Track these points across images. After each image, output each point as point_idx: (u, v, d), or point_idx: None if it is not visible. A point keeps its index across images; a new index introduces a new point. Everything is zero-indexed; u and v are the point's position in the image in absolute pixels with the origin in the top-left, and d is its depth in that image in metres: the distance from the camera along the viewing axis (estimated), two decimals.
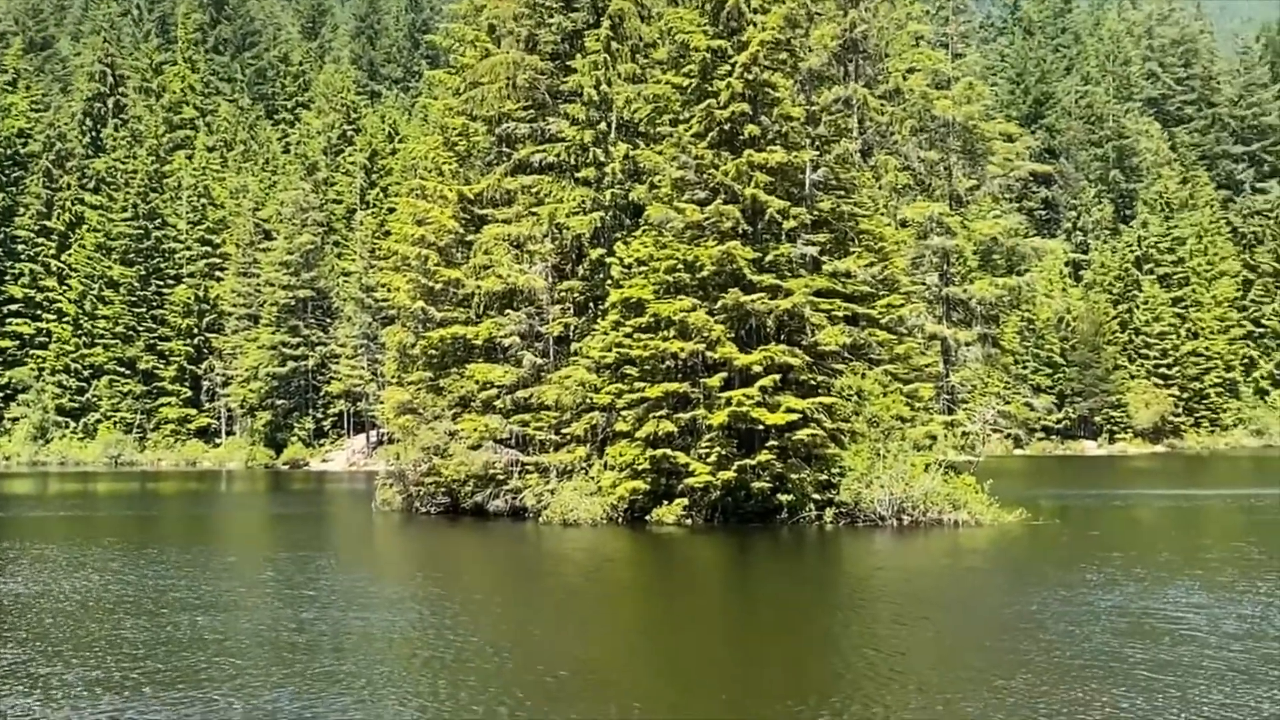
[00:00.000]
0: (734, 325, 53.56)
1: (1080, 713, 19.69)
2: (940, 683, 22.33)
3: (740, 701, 20.86)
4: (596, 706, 20.93)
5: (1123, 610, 29.91)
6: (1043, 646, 25.46)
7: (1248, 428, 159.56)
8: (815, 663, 25.05)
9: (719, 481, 52.31)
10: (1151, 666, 23.27)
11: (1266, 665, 23.27)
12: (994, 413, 78.02)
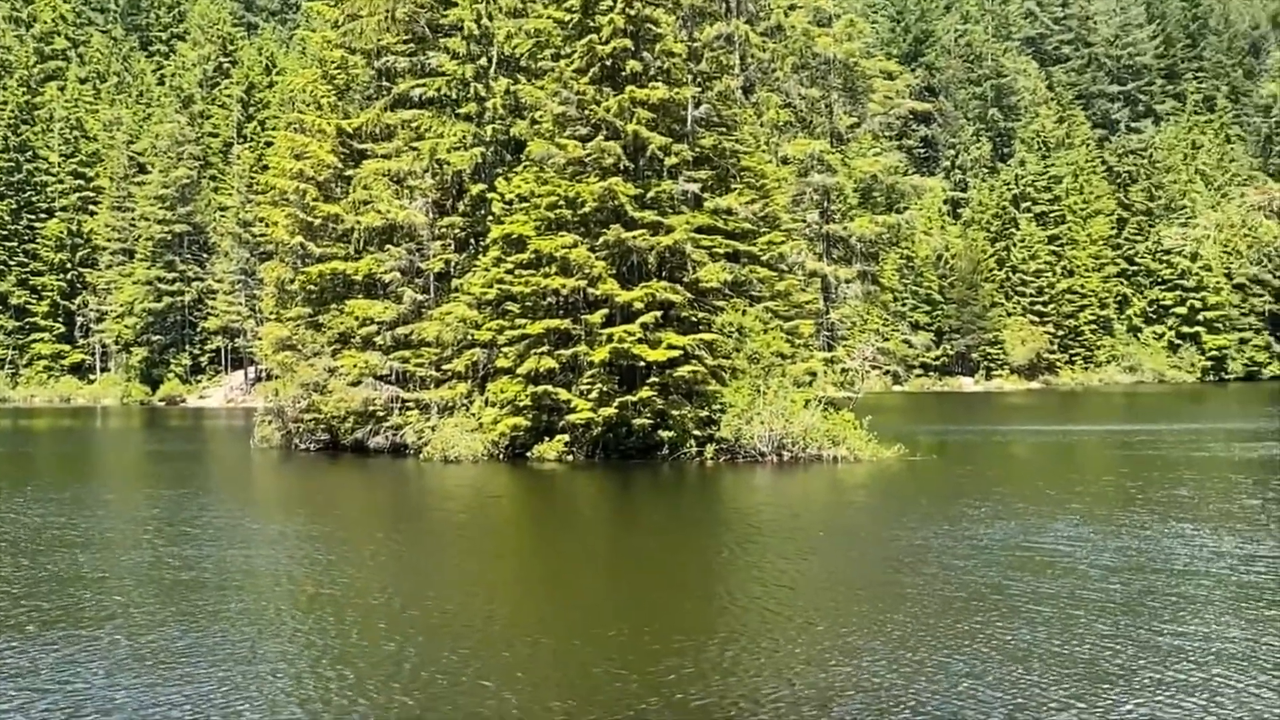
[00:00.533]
0: (615, 262, 53.49)
1: (966, 644, 19.89)
2: (828, 617, 22.45)
3: (632, 637, 20.85)
4: (487, 643, 20.87)
5: (1005, 544, 30.28)
6: (928, 580, 25.72)
7: (1121, 364, 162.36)
8: (703, 598, 25.10)
9: (600, 418, 52.37)
10: (1035, 599, 23.59)
11: (1146, 597, 23.65)
12: (873, 349, 78.88)
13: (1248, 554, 28.56)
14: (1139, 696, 16.85)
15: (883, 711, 16.22)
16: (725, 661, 18.96)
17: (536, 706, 16.63)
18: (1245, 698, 16.72)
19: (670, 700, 16.75)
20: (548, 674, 18.54)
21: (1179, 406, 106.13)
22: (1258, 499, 39.74)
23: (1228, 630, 20.70)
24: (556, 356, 52.98)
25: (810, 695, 16.92)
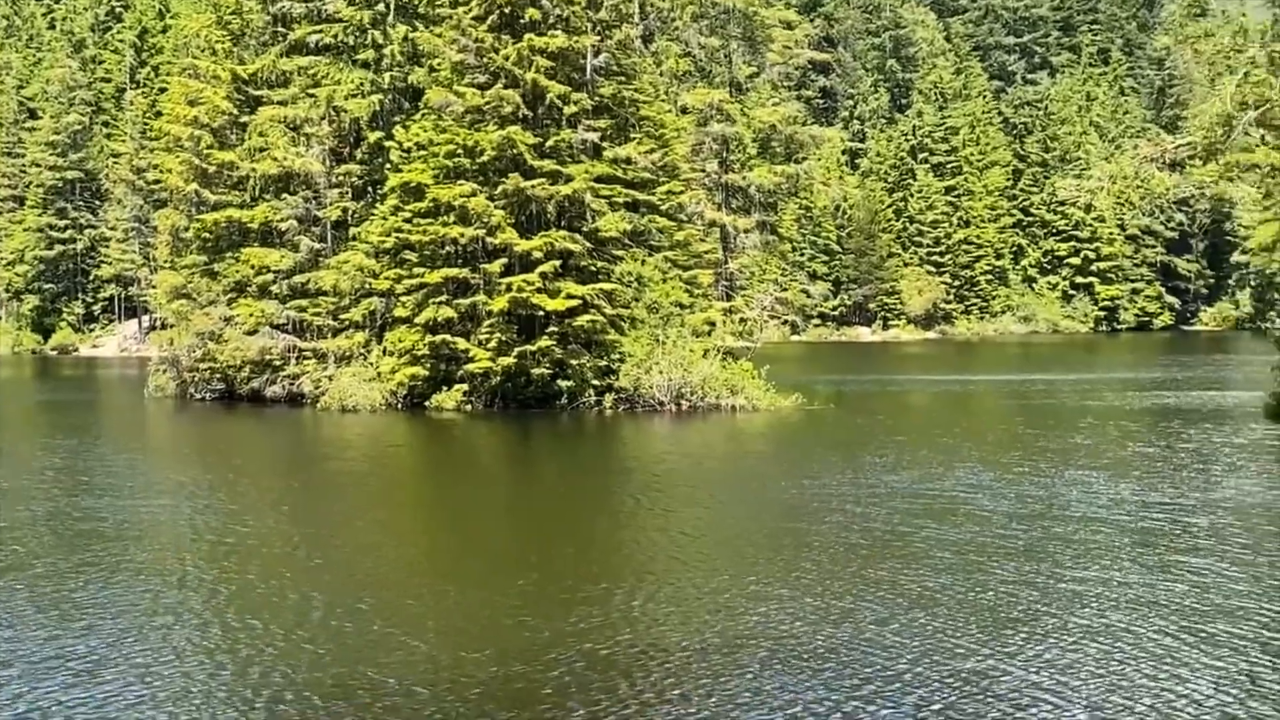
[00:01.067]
0: (514, 211, 53.33)
1: (873, 590, 20.10)
2: (734, 565, 22.59)
3: (540, 587, 20.81)
4: (396, 593, 20.83)
5: (907, 492, 30.65)
6: (832, 527, 25.97)
7: (1016, 314, 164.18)
8: (610, 547, 25.22)
9: (499, 367, 52.31)
10: (939, 545, 23.95)
11: (1048, 543, 24.05)
12: (771, 299, 79.15)
13: (1145, 501, 29.09)
14: (1043, 641, 17.15)
15: (792, 658, 16.41)
16: (634, 611, 19.08)
17: (447, 656, 16.68)
18: (1146, 642, 17.07)
19: (581, 649, 16.83)
20: (457, 623, 18.58)
21: (1072, 356, 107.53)
22: (1153, 447, 40.44)
23: (1128, 576, 21.09)
24: (455, 306, 52.82)
25: (719, 643, 17.06)
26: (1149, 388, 66.83)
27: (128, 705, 14.74)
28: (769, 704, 14.61)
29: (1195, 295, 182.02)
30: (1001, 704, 14.51)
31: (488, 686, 15.29)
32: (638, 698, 14.82)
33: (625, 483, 35.06)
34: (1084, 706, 14.41)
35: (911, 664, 16.11)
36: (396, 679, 15.62)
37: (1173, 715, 14.09)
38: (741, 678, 15.56)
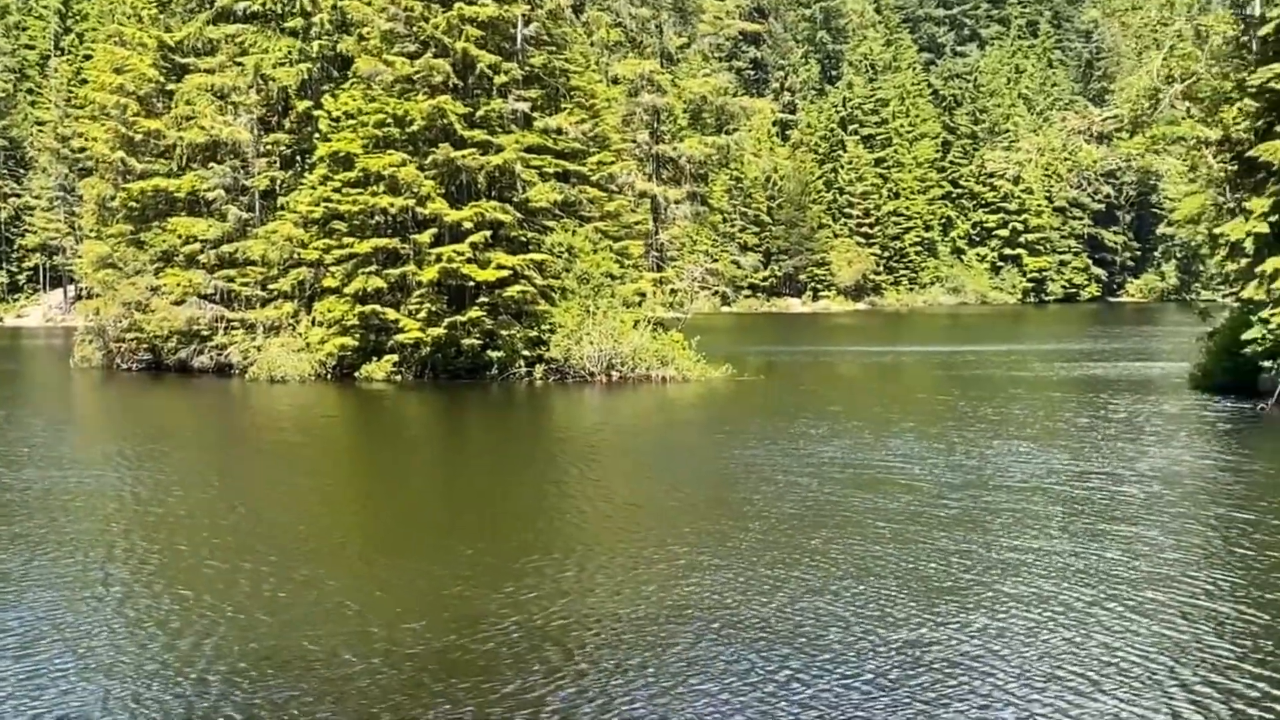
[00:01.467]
0: (444, 181, 53.11)
1: (811, 560, 20.07)
2: (675, 535, 22.49)
3: (485, 557, 20.64)
4: (343, 564, 20.67)
5: (844, 462, 30.75)
6: (769, 497, 25.99)
7: (945, 286, 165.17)
8: (552, 518, 25.06)
9: (429, 338, 52.15)
10: (876, 515, 23.98)
11: (984, 513, 24.19)
12: (702, 270, 79.27)
13: (1076, 470, 29.36)
14: (981, 610, 17.22)
15: (727, 628, 16.41)
16: (570, 581, 19.02)
17: (382, 626, 16.55)
18: (1084, 611, 17.17)
19: (517, 620, 16.77)
20: (393, 594, 18.43)
21: (1001, 327, 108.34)
22: (1083, 417, 40.81)
23: (1060, 545, 21.21)
24: (384, 276, 52.60)
25: (654, 613, 17.04)
26: (1077, 358, 67.44)
27: (58, 676, 14.58)
28: (705, 673, 14.60)
29: (1122, 267, 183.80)
30: (934, 673, 14.56)
31: (424, 657, 15.21)
32: (574, 668, 14.79)
33: (558, 453, 35.02)
34: (1016, 675, 14.47)
35: (845, 633, 16.14)
36: (331, 649, 15.53)
37: (1103, 682, 14.18)
38: (677, 647, 15.55)
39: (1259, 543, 21.38)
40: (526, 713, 13.42)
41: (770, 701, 13.67)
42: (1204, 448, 34.51)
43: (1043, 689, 14.05)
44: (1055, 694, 13.88)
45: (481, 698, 13.83)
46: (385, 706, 13.62)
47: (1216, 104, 46.89)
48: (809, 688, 14.11)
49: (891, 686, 14.13)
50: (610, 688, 14.12)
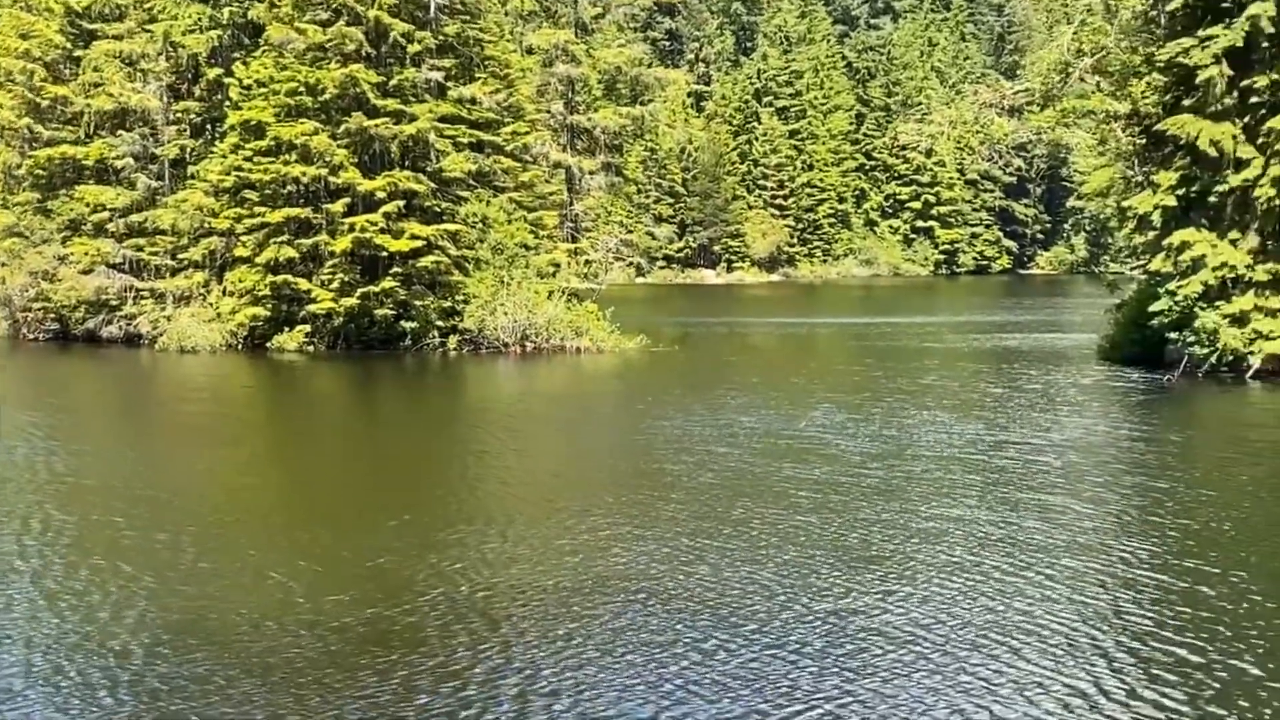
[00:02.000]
0: (358, 150, 52.71)
1: (737, 530, 20.06)
2: (599, 505, 22.43)
3: (410, 528, 20.43)
4: (266, 534, 20.40)
5: (764, 432, 30.84)
6: (692, 468, 25.97)
7: (858, 258, 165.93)
8: (464, 488, 24.92)
9: (342, 308, 51.84)
10: (800, 485, 24.05)
11: (906, 482, 24.38)
12: (617, 241, 79.29)
13: (995, 440, 29.64)
14: (904, 579, 17.29)
15: (653, 598, 16.40)
16: (505, 551, 18.94)
17: (323, 597, 16.39)
18: (1004, 579, 17.30)
19: (455, 590, 16.70)
20: (331, 564, 18.26)
21: (914, 299, 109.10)
22: (999, 388, 41.22)
23: (983, 514, 21.36)
24: (297, 246, 52.22)
25: (580, 584, 16.97)
26: (989, 330, 68.05)
27: None
28: (630, 643, 14.59)
29: (1032, 240, 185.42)
30: (859, 642, 14.60)
31: (351, 628, 15.09)
32: (500, 639, 14.71)
33: (477, 424, 34.93)
34: (941, 644, 14.52)
35: (770, 603, 16.16)
36: (256, 620, 15.40)
37: (1025, 650, 14.26)
38: (603, 618, 15.53)
39: (1173, 511, 21.65)
40: (454, 684, 13.35)
41: (696, 672, 13.64)
42: (1115, 418, 34.97)
43: (966, 657, 14.14)
44: (979, 662, 13.96)
45: (409, 669, 13.74)
46: (312, 678, 13.49)
47: (1125, 78, 47.39)
48: (734, 658, 14.10)
49: (817, 656, 14.15)
50: (537, 659, 14.05)
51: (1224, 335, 40.43)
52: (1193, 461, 27.90)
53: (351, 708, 12.68)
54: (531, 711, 12.59)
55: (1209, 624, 15.24)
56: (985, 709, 12.67)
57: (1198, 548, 19.17)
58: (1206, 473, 26.19)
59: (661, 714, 12.54)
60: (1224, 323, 40.61)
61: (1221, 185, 41.15)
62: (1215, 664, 13.87)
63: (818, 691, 13.09)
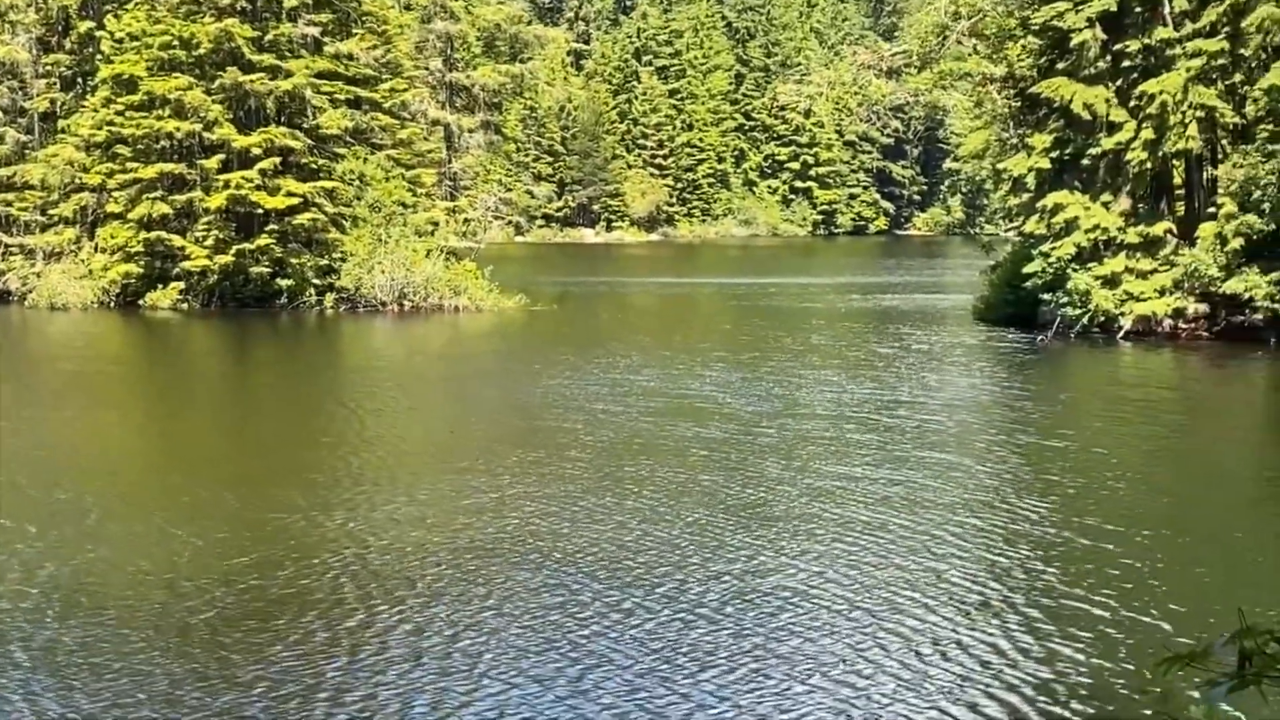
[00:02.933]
0: (232, 106, 52.04)
1: (636, 488, 19.98)
2: (490, 464, 22.19)
3: (301, 490, 20.10)
4: (164, 493, 20.13)
5: (658, 391, 30.90)
6: (589, 425, 25.97)
7: (736, 218, 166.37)
8: (372, 447, 24.61)
9: (216, 265, 51.22)
10: (697, 443, 24.15)
11: (802, 441, 24.52)
12: (495, 200, 78.75)
13: (886, 399, 29.95)
14: (815, 536, 17.37)
15: (554, 556, 16.35)
16: (413, 511, 18.78)
17: (232, 557, 16.17)
18: (913, 535, 17.43)
19: (365, 550, 16.59)
20: (236, 524, 17.95)
21: (793, 260, 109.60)
22: (885, 348, 41.61)
23: (882, 472, 21.53)
24: (170, 202, 51.53)
25: (495, 543, 16.87)
26: (869, 291, 68.63)
27: None
28: (532, 602, 14.55)
29: (909, 201, 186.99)
30: (773, 600, 14.64)
31: (266, 588, 14.92)
32: (408, 600, 14.62)
33: (363, 382, 34.57)
34: (855, 601, 14.59)
35: (677, 562, 16.17)
36: (169, 581, 15.21)
37: (938, 606, 14.38)
38: (512, 578, 15.45)
39: (1065, 469, 22.06)
40: (375, 643, 13.24)
41: (607, 633, 13.57)
42: (998, 377, 35.54)
43: (883, 615, 14.19)
44: (896, 620, 14.02)
45: (329, 631, 13.59)
46: (235, 639, 13.33)
47: (1001, 41, 47.81)
48: (647, 618, 14.05)
49: (733, 616, 14.10)
50: (447, 620, 13.96)
51: (1096, 296, 41.04)
52: (1077, 420, 28.38)
53: (263, 669, 12.49)
54: (441, 673, 12.48)
55: (1116, 580, 15.46)
56: (908, 666, 12.71)
57: (1095, 504, 19.50)
58: (1093, 431, 26.63)
59: (571, 674, 12.45)
60: (1096, 284, 41.22)
61: (1094, 148, 41.73)
62: (1124, 619, 14.04)
63: (737, 652, 13.03)
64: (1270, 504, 20.50)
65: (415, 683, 12.21)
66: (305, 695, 11.88)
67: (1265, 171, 38.90)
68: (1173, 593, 14.92)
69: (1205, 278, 39.94)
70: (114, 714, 11.47)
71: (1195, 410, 30.84)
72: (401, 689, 12.03)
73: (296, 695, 11.86)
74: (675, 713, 11.55)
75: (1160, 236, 41.44)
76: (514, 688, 12.04)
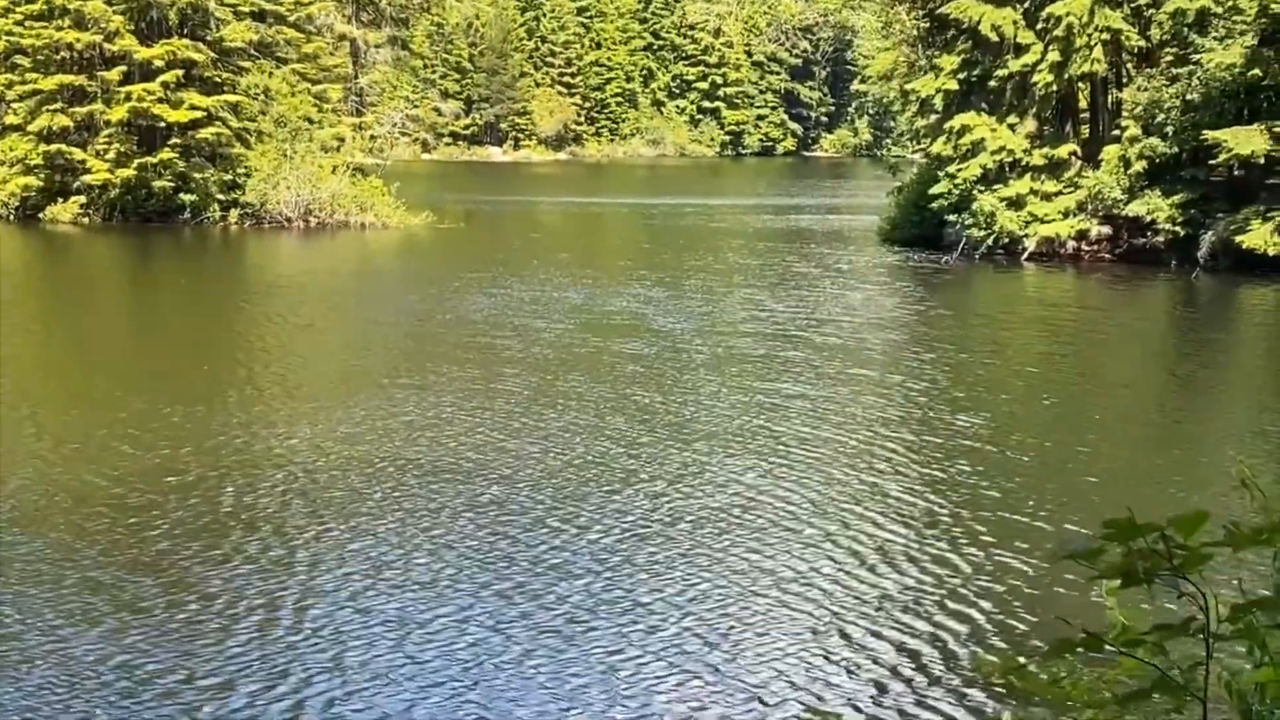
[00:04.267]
0: (134, 17, 51.14)
1: (569, 404, 20.14)
2: (430, 380, 22.17)
3: (243, 402, 20.15)
4: (99, 407, 19.78)
5: (584, 308, 31.01)
6: (517, 342, 25.94)
7: (645, 137, 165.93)
8: (301, 364, 24.58)
9: (118, 179, 50.52)
10: (630, 360, 24.27)
11: (734, 358, 24.83)
12: (402, 116, 78.16)
13: (808, 317, 30.29)
14: (755, 452, 17.49)
15: (504, 472, 16.32)
16: (336, 431, 18.53)
17: (185, 471, 16.06)
18: (852, 452, 17.62)
19: (295, 466, 16.48)
20: (178, 438, 17.71)
21: (702, 180, 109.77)
22: (801, 268, 41.91)
23: (816, 389, 21.78)
24: (71, 114, 50.69)
25: (432, 460, 16.82)
26: (781, 211, 68.93)
27: None
28: (483, 517, 14.54)
29: (816, 122, 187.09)
30: (723, 516, 14.66)
31: (197, 509, 14.72)
32: (354, 515, 14.60)
33: (280, 298, 34.22)
34: (804, 516, 14.69)
35: (612, 474, 16.26)
36: (119, 495, 15.09)
37: (883, 521, 14.54)
38: (449, 494, 15.41)
39: (989, 384, 22.95)
40: (332, 559, 13.15)
41: (561, 548, 13.55)
42: (910, 297, 36.36)
43: (832, 530, 14.28)
44: (845, 534, 14.14)
45: (285, 548, 13.48)
46: (192, 552, 13.25)
47: None
48: (593, 534, 14.06)
49: (675, 533, 14.11)
50: (407, 533, 13.93)
51: (1001, 218, 41.46)
52: (988, 338, 29.13)
53: (223, 584, 12.39)
54: (400, 586, 12.45)
55: (1054, 493, 15.79)
56: (861, 579, 12.82)
57: (1023, 418, 20.12)
58: (1011, 350, 27.29)
59: (502, 587, 12.43)
60: (1001, 206, 41.64)
61: (1002, 70, 42.01)
62: (1057, 528, 14.27)
63: (690, 568, 13.07)
64: (1171, 413, 21.46)
65: (376, 598, 12.13)
66: (267, 608, 11.83)
67: (1169, 95, 39.35)
68: (1104, 502, 15.17)
69: (1108, 200, 40.44)
70: (80, 628, 11.34)
71: (1097, 330, 31.42)
72: (362, 605, 11.95)
73: (258, 609, 11.80)
74: (632, 627, 11.57)
75: (1065, 159, 41.89)
76: (476, 602, 12.04)
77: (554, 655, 10.85)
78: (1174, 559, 2.59)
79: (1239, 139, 37.01)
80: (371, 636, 11.17)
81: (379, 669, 10.52)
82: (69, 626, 11.34)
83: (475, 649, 10.94)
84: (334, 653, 10.81)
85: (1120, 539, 2.62)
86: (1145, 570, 2.61)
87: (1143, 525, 2.58)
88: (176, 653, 10.78)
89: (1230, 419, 21.00)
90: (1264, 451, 17.86)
